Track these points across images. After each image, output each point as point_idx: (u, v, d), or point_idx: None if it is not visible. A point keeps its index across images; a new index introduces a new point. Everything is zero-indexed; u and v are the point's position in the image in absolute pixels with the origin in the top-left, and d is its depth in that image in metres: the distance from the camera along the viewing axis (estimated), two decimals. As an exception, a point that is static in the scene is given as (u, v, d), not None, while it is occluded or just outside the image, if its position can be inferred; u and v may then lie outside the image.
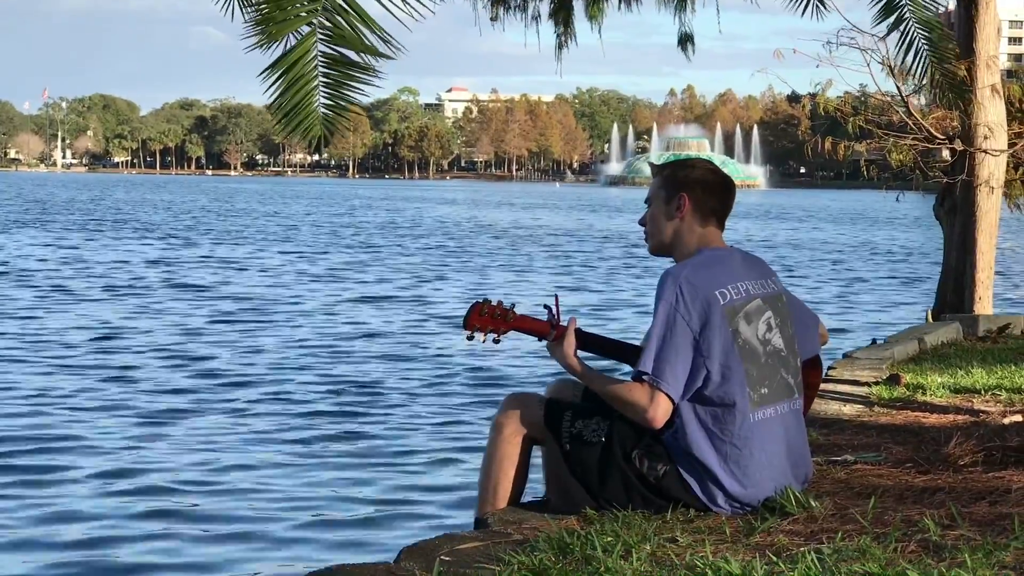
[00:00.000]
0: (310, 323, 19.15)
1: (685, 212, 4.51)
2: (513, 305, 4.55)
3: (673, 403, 4.32)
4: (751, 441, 4.34)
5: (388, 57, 4.94)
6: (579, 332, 4.49)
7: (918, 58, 8.46)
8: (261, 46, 4.88)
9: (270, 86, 4.95)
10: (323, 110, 5.02)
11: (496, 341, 4.53)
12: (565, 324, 4.49)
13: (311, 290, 24.36)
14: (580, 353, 4.50)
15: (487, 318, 4.50)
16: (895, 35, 8.49)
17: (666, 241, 4.56)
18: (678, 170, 4.58)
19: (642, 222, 4.64)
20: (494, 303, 4.53)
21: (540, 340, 4.54)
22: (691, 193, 4.51)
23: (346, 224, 53.34)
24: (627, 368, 4.60)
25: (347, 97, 5.08)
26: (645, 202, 4.64)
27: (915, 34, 8.37)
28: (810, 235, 52.17)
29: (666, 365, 4.29)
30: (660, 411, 4.31)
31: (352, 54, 4.99)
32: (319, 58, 4.97)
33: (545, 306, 4.57)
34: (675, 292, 4.32)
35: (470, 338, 4.53)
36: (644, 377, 4.31)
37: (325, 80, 5.01)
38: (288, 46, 4.94)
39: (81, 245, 35.71)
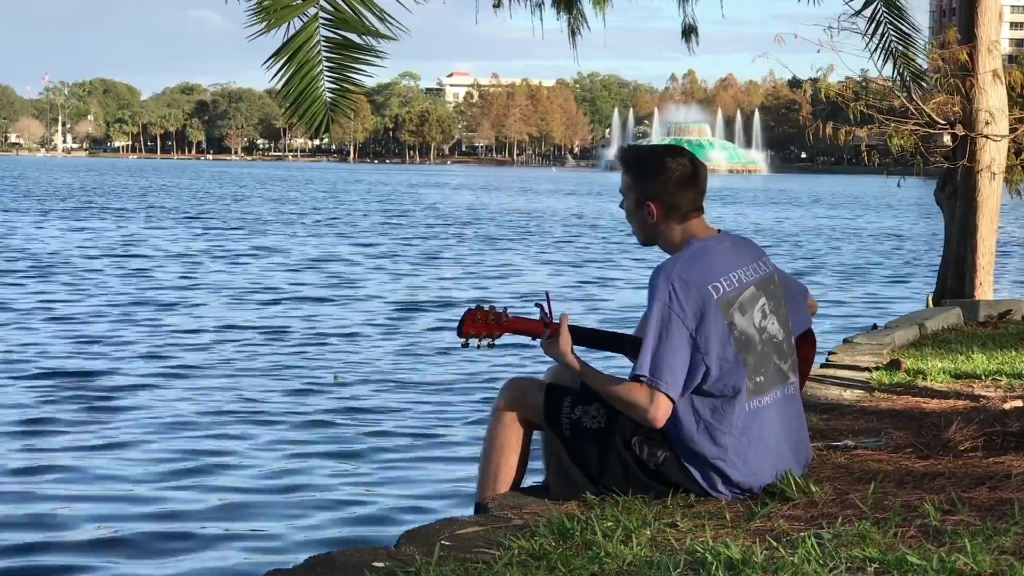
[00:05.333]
0: (337, 310, 19.19)
1: (657, 220, 4.45)
2: (505, 309, 4.54)
3: (673, 402, 4.31)
4: (750, 430, 4.34)
5: (390, 38, 4.94)
6: (572, 327, 4.46)
7: (883, 41, 8.45)
8: (264, 33, 4.88)
9: (275, 74, 4.96)
10: (328, 95, 5.03)
11: (491, 346, 4.52)
12: (558, 321, 4.46)
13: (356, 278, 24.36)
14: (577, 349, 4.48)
15: (481, 324, 4.49)
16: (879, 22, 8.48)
17: (648, 238, 4.52)
18: (642, 179, 4.45)
19: (623, 207, 4.57)
20: (487, 308, 4.52)
21: (535, 339, 4.51)
22: (658, 201, 4.42)
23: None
24: (624, 360, 4.59)
25: (350, 80, 5.08)
26: (620, 191, 4.55)
27: (882, 16, 8.36)
28: (811, 220, 52.13)
29: (664, 365, 4.27)
30: (661, 411, 4.30)
31: (354, 37, 4.99)
32: (322, 43, 4.97)
33: (537, 304, 4.54)
34: (668, 290, 4.29)
35: (465, 345, 4.52)
36: (643, 379, 4.28)
37: (328, 64, 5.01)
38: (291, 32, 4.94)
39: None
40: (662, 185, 4.43)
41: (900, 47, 8.39)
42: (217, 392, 12.07)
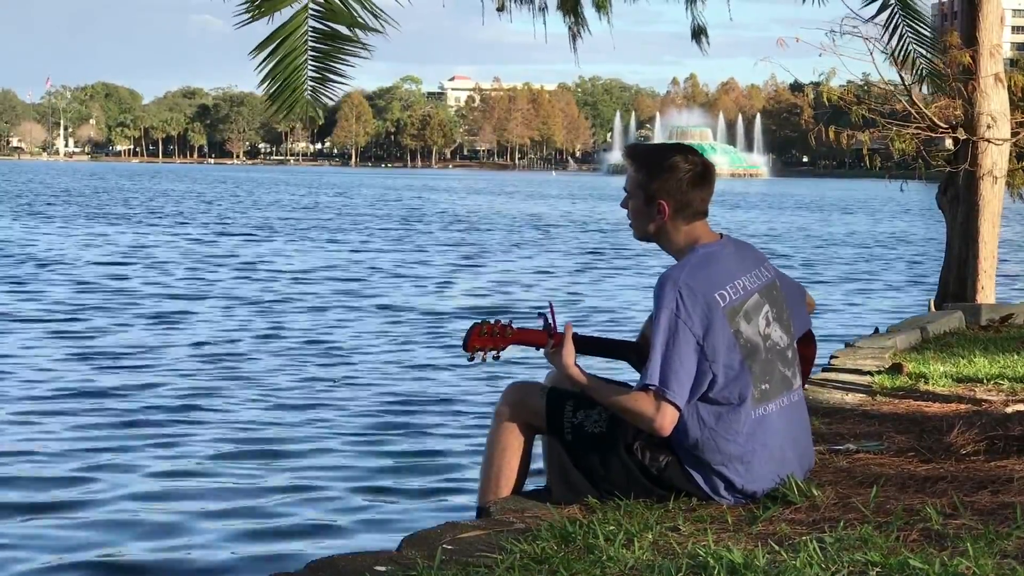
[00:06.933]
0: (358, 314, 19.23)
1: (666, 218, 4.43)
2: (511, 321, 4.54)
3: (680, 411, 4.30)
4: (755, 438, 4.33)
5: (378, 31, 4.96)
6: (576, 337, 4.45)
7: (902, 43, 8.43)
8: (251, 22, 4.90)
9: (259, 64, 4.98)
10: (311, 83, 5.06)
11: (496, 358, 4.51)
12: (562, 331, 4.45)
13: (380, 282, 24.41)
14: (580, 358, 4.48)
15: (486, 338, 4.48)
16: (892, 24, 8.44)
17: (650, 235, 4.50)
18: (654, 177, 4.41)
19: (624, 205, 4.53)
20: (492, 322, 4.51)
21: (539, 350, 4.49)
22: (669, 200, 4.40)
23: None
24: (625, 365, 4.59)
25: (334, 69, 5.10)
26: (624, 189, 4.54)
27: (898, 20, 8.34)
28: (813, 224, 52.13)
29: (671, 374, 4.25)
30: (668, 420, 4.28)
31: (343, 29, 5.02)
32: (310, 33, 5.00)
33: (540, 314, 4.53)
34: (675, 298, 4.26)
35: (471, 359, 4.52)
36: (651, 388, 4.26)
37: (314, 54, 5.04)
38: (279, 23, 4.98)
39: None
40: (676, 183, 4.40)
41: (921, 49, 8.35)
42: (216, 394, 12.07)
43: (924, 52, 8.47)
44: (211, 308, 19.45)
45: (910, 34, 8.37)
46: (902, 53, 8.44)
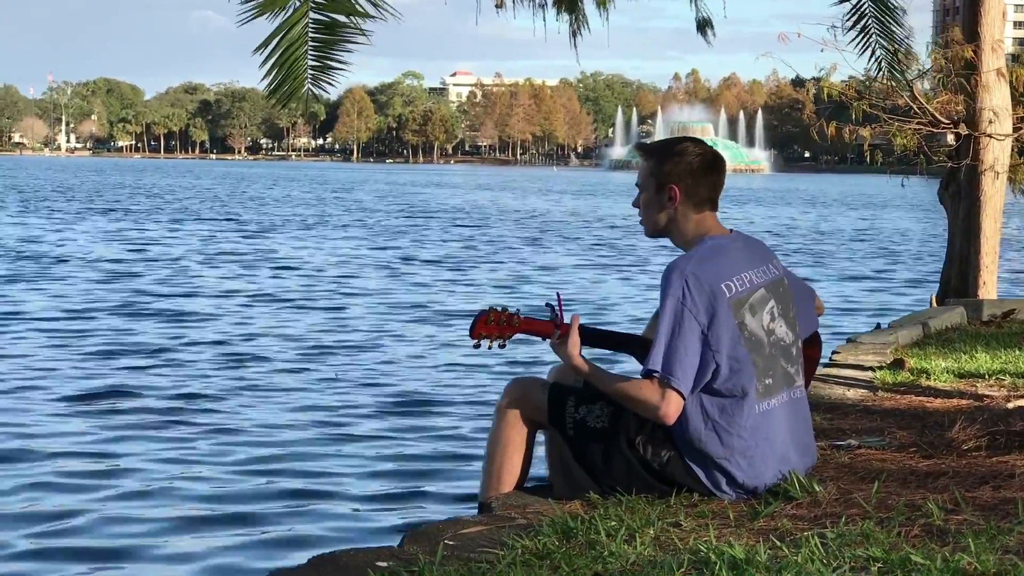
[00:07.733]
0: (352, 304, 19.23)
1: (677, 203, 4.46)
2: (518, 310, 4.56)
3: (684, 399, 4.31)
4: (757, 432, 4.34)
5: (379, 19, 4.98)
6: (582, 328, 4.47)
7: (863, 35, 8.38)
8: (252, 19, 4.92)
9: (262, 61, 5.00)
10: (310, 72, 5.08)
11: (502, 346, 4.55)
12: (568, 322, 4.47)
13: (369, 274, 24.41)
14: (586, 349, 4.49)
15: (493, 326, 4.51)
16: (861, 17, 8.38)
17: (660, 228, 4.53)
18: (665, 161, 4.47)
19: (636, 204, 4.58)
20: (499, 310, 4.54)
21: (545, 340, 4.52)
22: (680, 184, 4.44)
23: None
24: (631, 360, 4.59)
25: (333, 57, 5.13)
26: (636, 185, 4.57)
27: (867, 9, 8.28)
28: (815, 220, 52.12)
29: (676, 361, 4.26)
30: (672, 408, 4.30)
31: (342, 18, 5.05)
32: (310, 25, 5.03)
33: (547, 304, 4.55)
34: (681, 286, 4.28)
35: (476, 346, 4.55)
36: (655, 375, 4.28)
37: (314, 44, 5.06)
38: (281, 18, 5.00)
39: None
40: (687, 167, 4.45)
41: (883, 43, 8.31)
42: (221, 390, 12.07)
43: (885, 44, 8.41)
44: (213, 307, 19.45)
45: (875, 27, 8.32)
46: (864, 47, 8.40)
